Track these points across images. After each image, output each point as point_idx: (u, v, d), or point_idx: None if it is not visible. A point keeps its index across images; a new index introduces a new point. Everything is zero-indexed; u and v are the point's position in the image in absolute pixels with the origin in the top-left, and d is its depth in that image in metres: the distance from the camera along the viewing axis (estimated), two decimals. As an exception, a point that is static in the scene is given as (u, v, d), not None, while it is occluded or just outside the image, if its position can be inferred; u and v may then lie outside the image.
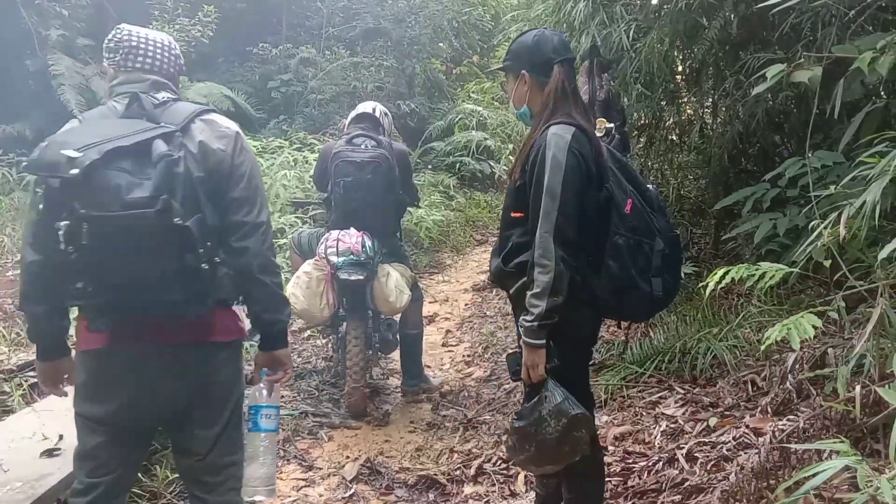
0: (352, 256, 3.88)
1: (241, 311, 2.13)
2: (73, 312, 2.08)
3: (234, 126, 2.08)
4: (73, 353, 2.04)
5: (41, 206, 1.82)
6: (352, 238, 3.93)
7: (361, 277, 3.91)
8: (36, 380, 3.66)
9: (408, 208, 4.69)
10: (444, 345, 5.69)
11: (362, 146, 4.13)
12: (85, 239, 1.72)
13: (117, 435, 2.00)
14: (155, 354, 1.95)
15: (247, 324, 2.17)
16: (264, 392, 2.15)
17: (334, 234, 3.95)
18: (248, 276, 2.03)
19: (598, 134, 2.37)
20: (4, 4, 8.16)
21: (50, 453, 2.81)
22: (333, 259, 3.87)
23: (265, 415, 2.13)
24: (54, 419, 3.13)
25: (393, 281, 4.04)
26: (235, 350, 2.16)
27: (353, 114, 4.42)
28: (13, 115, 8.49)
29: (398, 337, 4.46)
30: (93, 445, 1.98)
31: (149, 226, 1.75)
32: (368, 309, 4.15)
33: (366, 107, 4.40)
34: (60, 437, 2.93)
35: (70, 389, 2.09)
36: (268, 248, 2.07)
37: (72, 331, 2.08)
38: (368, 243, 3.96)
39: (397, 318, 4.46)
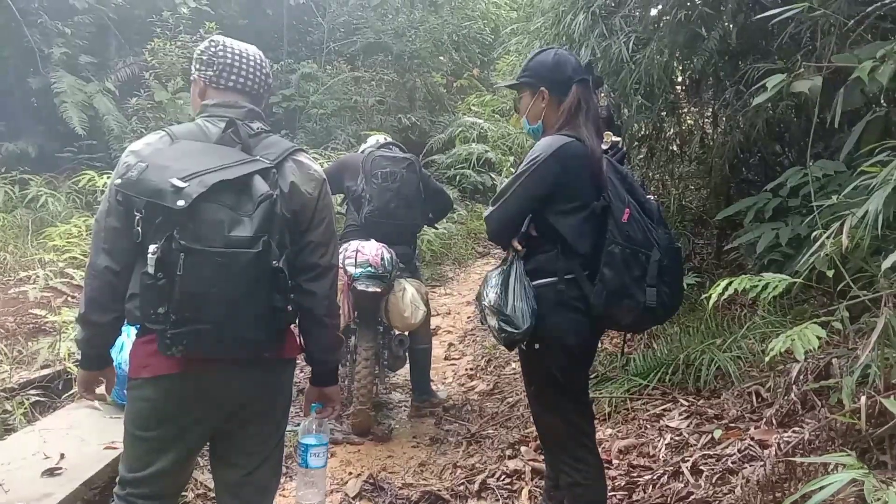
0: (370, 268, 3.87)
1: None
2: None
3: (320, 170, 2.10)
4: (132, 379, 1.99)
5: (137, 229, 1.80)
6: (371, 250, 3.92)
7: (378, 290, 3.89)
8: (38, 398, 3.72)
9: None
10: (446, 358, 5.67)
11: (394, 150, 4.35)
12: (180, 269, 1.71)
13: (185, 455, 2.00)
14: (228, 374, 1.93)
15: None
16: (314, 425, 2.27)
17: (354, 244, 3.95)
18: (314, 318, 2.08)
19: (604, 147, 2.38)
20: (7, 24, 8.22)
21: (51, 473, 2.79)
22: (351, 270, 3.85)
23: (314, 453, 2.27)
24: (56, 438, 3.13)
25: (409, 296, 4.02)
26: (293, 367, 2.19)
27: (365, 145, 4.55)
28: (16, 132, 8.53)
29: (407, 354, 4.43)
30: (155, 469, 1.93)
31: (247, 265, 1.76)
32: (380, 324, 4.13)
33: (379, 138, 4.60)
34: (62, 456, 2.92)
35: (101, 391, 2.16)
36: (334, 290, 2.11)
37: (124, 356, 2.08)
38: (387, 256, 3.94)
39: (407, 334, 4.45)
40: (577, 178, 2.26)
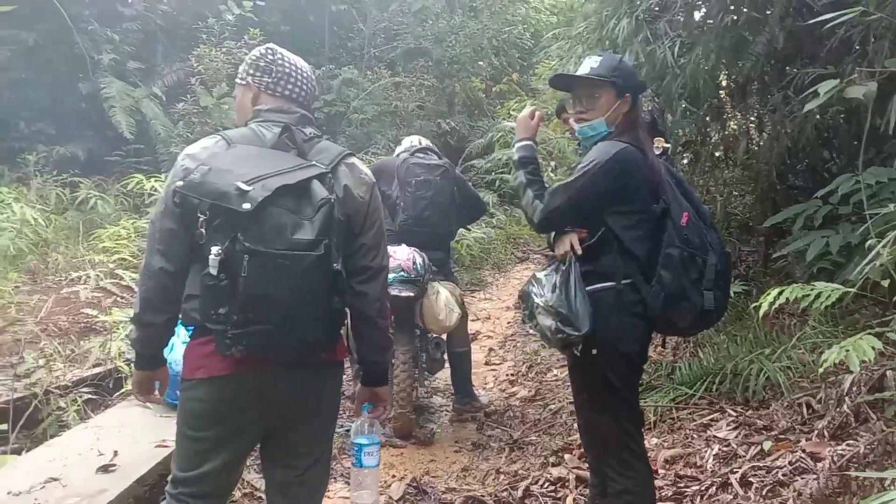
0: (402, 273, 3.89)
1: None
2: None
3: (370, 174, 2.13)
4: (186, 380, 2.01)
5: (201, 231, 1.82)
6: (403, 254, 3.95)
7: (412, 294, 3.92)
8: (90, 396, 3.82)
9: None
10: (486, 363, 5.67)
11: (429, 155, 4.38)
12: (244, 271, 1.74)
13: (237, 455, 2.04)
14: (282, 376, 1.96)
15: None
16: (365, 425, 2.29)
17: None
18: (365, 319, 2.11)
19: (656, 152, 2.37)
20: (59, 30, 8.47)
21: (105, 469, 2.86)
22: None
23: (367, 452, 2.29)
24: (108, 435, 3.20)
25: (443, 299, 4.05)
26: (343, 369, 2.22)
27: (406, 147, 4.57)
28: (67, 137, 8.78)
29: (445, 356, 4.46)
30: (207, 468, 1.96)
31: (309, 268, 1.79)
32: (416, 328, 4.16)
33: (414, 140, 4.60)
34: (115, 453, 2.99)
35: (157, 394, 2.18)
36: (385, 292, 2.14)
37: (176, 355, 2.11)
38: (419, 260, 3.97)
39: (444, 337, 4.47)
40: (634, 182, 2.26)
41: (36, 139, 8.58)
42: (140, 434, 3.24)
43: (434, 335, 4.33)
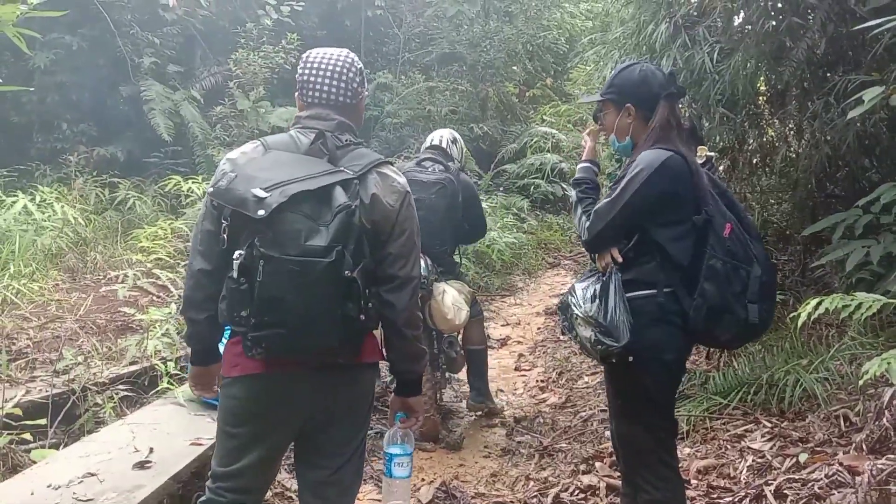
0: None
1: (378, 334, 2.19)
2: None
3: (404, 182, 2.12)
4: (224, 378, 2.08)
5: (223, 236, 1.91)
6: None
7: None
8: (126, 393, 3.88)
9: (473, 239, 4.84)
10: (516, 369, 5.65)
11: (430, 169, 4.27)
12: (260, 275, 1.80)
13: (270, 453, 2.08)
14: (309, 376, 2.00)
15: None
16: (398, 435, 2.29)
17: None
18: (394, 329, 2.11)
19: (699, 161, 2.34)
20: (102, 35, 8.65)
21: (142, 465, 2.91)
22: None
23: (398, 463, 2.28)
24: (144, 432, 3.25)
25: (450, 298, 4.04)
26: (376, 370, 2.24)
27: (425, 145, 4.57)
28: (107, 138, 8.95)
29: (462, 354, 4.45)
30: (242, 464, 2.02)
31: (320, 274, 1.81)
32: (432, 330, 4.15)
33: (435, 138, 4.55)
34: (151, 450, 3.03)
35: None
36: (414, 302, 2.13)
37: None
38: (421, 263, 3.96)
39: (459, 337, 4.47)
40: (680, 192, 2.24)
41: (77, 140, 8.76)
42: (175, 432, 3.29)
43: (446, 334, 4.32)
